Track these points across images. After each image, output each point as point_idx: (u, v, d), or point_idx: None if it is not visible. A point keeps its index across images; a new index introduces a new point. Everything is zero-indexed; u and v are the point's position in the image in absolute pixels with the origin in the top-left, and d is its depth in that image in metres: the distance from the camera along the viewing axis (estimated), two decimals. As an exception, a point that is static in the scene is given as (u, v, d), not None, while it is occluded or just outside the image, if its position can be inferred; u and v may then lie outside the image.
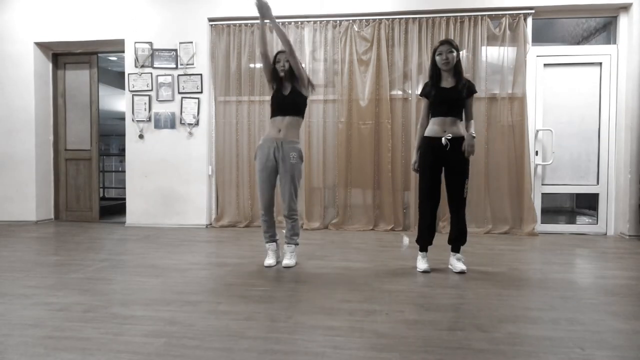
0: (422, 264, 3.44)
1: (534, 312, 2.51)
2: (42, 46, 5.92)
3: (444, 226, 5.03)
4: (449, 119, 3.32)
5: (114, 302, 2.69)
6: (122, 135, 6.15)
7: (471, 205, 5.20)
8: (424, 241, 3.47)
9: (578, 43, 5.87)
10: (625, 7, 5.01)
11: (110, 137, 9.88)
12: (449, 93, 3.33)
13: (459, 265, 3.38)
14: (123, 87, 5.76)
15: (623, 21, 5.06)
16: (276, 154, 3.48)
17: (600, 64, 5.13)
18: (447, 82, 3.37)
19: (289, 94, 3.51)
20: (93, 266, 3.57)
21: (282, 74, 3.49)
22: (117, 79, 8.68)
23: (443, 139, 3.28)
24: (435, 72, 3.39)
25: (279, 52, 3.55)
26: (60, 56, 6.12)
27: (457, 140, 3.29)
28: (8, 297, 2.78)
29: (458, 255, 3.44)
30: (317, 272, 3.38)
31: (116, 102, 8.96)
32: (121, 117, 6.51)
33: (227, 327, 2.28)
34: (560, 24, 6.04)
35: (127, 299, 2.74)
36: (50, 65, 6.07)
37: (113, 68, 8.60)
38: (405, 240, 4.74)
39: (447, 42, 3.35)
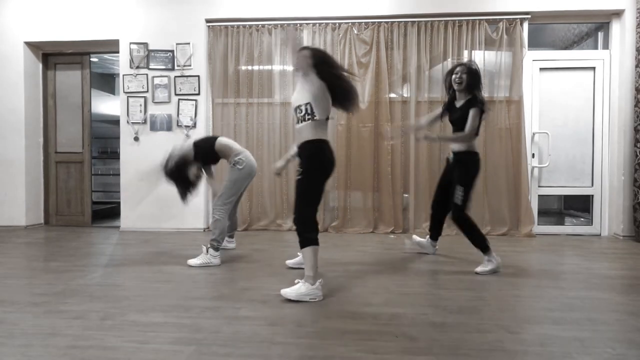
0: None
1: (555, 313, 2.54)
2: (32, 46, 5.75)
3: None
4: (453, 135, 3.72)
5: (130, 308, 2.61)
6: (107, 138, 5.99)
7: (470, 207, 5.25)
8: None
9: (566, 48, 6.00)
10: (618, 13, 5.14)
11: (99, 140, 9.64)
12: (455, 112, 3.66)
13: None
14: (108, 90, 5.58)
15: (615, 27, 5.19)
16: None
17: (594, 68, 5.25)
18: (460, 100, 3.65)
19: None
20: (98, 272, 3.47)
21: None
22: (102, 82, 8.47)
23: (449, 154, 3.78)
24: (450, 91, 3.74)
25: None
26: (51, 56, 5.95)
27: (457, 155, 3.67)
28: (16, 305, 2.68)
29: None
30: (329, 276, 3.34)
31: (101, 104, 8.72)
32: (107, 120, 6.39)
33: (255, 333, 2.24)
34: (551, 29, 6.17)
35: (143, 305, 2.67)
36: (40, 65, 5.90)
37: (96, 70, 8.33)
38: (408, 241, 4.73)
39: (464, 64, 3.65)
